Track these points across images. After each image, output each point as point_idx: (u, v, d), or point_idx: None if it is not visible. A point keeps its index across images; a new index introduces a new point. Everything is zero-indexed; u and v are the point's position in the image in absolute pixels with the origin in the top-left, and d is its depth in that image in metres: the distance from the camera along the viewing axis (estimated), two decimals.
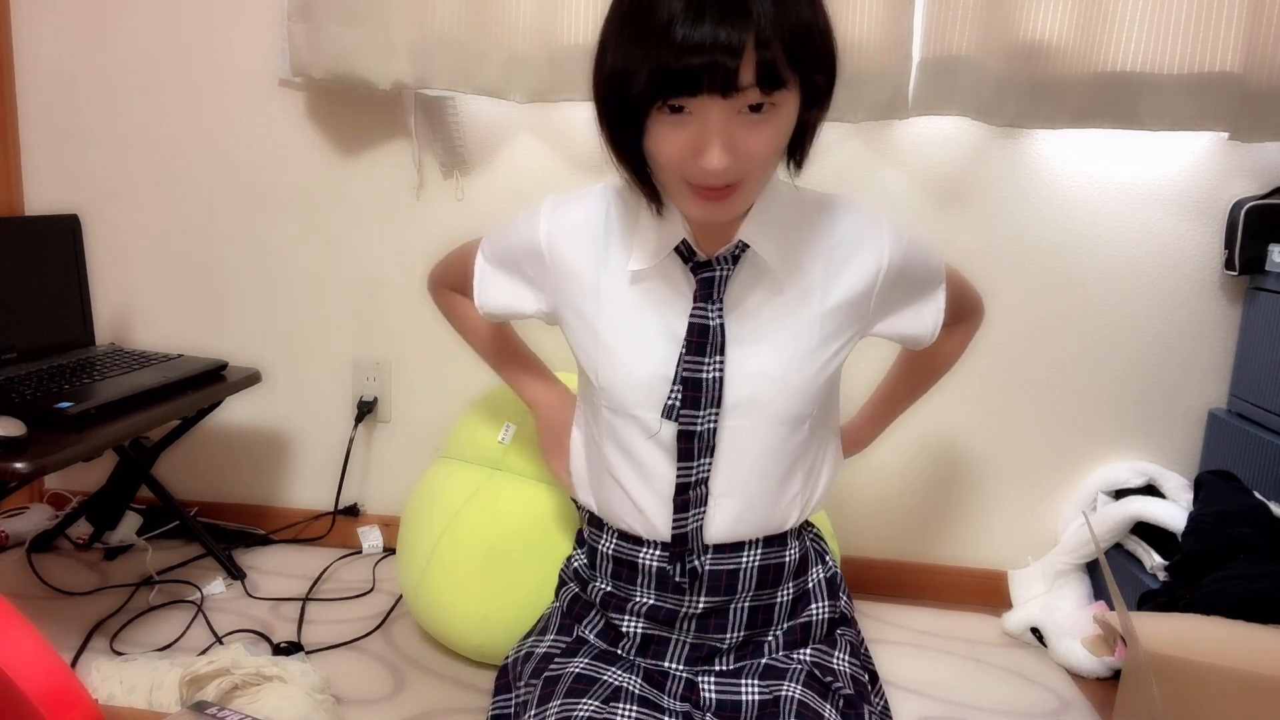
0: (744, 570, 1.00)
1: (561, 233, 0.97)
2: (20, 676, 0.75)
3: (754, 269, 0.94)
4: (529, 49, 1.55)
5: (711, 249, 0.92)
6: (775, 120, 0.80)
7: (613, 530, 1.03)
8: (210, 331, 1.85)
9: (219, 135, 1.77)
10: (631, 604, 1.01)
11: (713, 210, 0.84)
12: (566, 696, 0.91)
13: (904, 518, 1.73)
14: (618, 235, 0.96)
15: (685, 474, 0.95)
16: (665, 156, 0.81)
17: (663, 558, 0.99)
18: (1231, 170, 1.54)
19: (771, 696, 0.94)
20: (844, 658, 1.02)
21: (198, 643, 1.44)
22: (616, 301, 0.95)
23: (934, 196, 1.62)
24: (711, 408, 0.93)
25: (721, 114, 0.77)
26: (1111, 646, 1.39)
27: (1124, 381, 1.64)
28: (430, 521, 1.39)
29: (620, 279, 0.95)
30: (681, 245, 0.92)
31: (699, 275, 0.92)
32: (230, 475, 1.90)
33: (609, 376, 0.96)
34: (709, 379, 0.92)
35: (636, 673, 0.98)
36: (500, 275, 1.05)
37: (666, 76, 0.75)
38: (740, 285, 0.94)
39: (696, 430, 0.93)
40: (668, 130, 0.79)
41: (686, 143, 0.79)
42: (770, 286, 0.94)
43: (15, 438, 1.21)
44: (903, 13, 1.47)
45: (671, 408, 0.93)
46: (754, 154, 0.80)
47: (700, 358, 0.92)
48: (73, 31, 1.77)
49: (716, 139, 0.77)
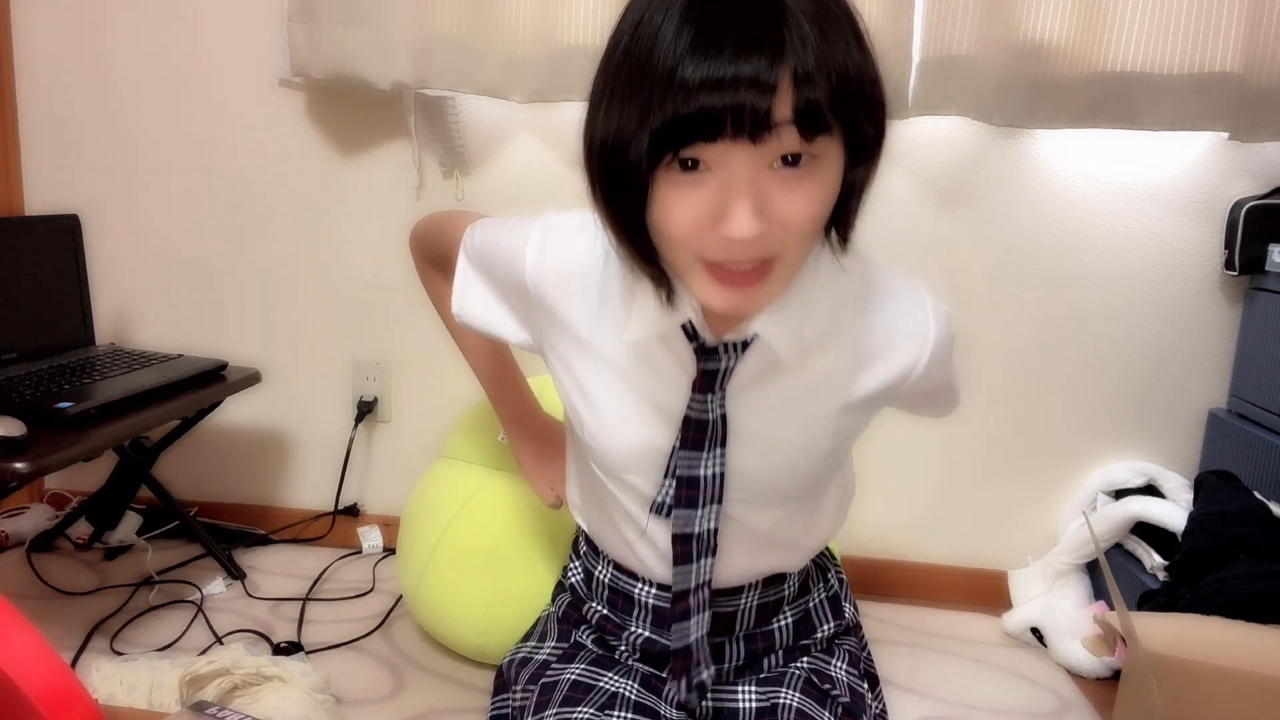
0: (741, 611, 0.97)
1: (551, 278, 0.83)
2: (20, 676, 0.75)
3: (766, 355, 0.80)
4: (529, 49, 1.55)
5: (720, 331, 0.78)
6: (817, 177, 0.64)
7: (609, 559, 0.99)
8: (210, 331, 1.85)
9: (219, 135, 1.77)
10: (627, 633, 0.98)
11: (736, 301, 0.67)
12: (562, 705, 0.90)
13: (904, 518, 1.73)
14: (614, 292, 0.81)
15: (683, 579, 0.84)
16: (676, 228, 0.64)
17: (660, 596, 0.95)
18: (1231, 170, 1.54)
19: (769, 704, 0.93)
20: (842, 666, 1.00)
21: (198, 643, 1.44)
22: (608, 363, 0.83)
23: (934, 196, 1.62)
24: (711, 504, 0.81)
25: (749, 166, 0.62)
26: (1111, 646, 1.39)
27: (1124, 381, 1.64)
28: (430, 521, 1.39)
29: (614, 339, 0.82)
30: (686, 325, 0.78)
31: (702, 364, 0.78)
32: (230, 475, 1.90)
33: (597, 439, 0.85)
34: (709, 475, 0.81)
35: (634, 677, 0.96)
36: (482, 286, 0.92)
37: (677, 124, 0.60)
38: (748, 372, 0.80)
39: (695, 532, 0.82)
40: (679, 194, 0.63)
41: (703, 209, 0.63)
42: (783, 375, 0.81)
43: (15, 438, 1.21)
44: (903, 13, 1.47)
45: (663, 504, 0.82)
46: (791, 221, 0.64)
47: (698, 453, 0.80)
48: (72, 32, 1.77)
49: (744, 199, 0.61)
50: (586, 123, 0.69)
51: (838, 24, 0.63)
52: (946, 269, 1.64)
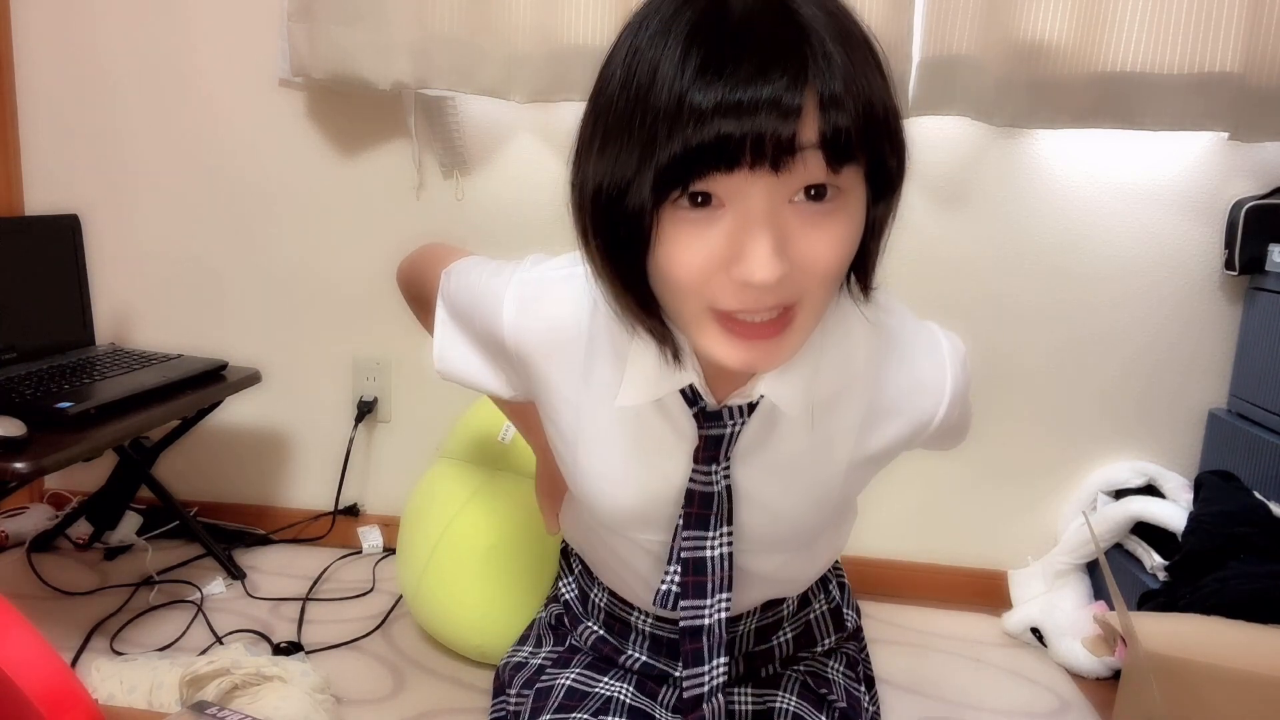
0: (741, 635, 0.96)
1: (531, 340, 0.75)
2: (20, 676, 0.75)
3: (772, 417, 0.73)
4: (529, 48, 1.55)
5: (723, 394, 0.71)
6: (843, 213, 0.57)
7: (603, 587, 0.96)
8: (210, 331, 1.85)
9: (219, 135, 1.77)
10: (625, 656, 0.96)
11: (752, 357, 0.59)
12: (557, 711, 0.89)
13: (904, 518, 1.73)
14: (604, 352, 0.73)
15: (695, 683, 0.76)
16: (684, 273, 0.57)
17: (659, 625, 0.93)
18: (1231, 170, 1.54)
19: (765, 707, 0.92)
20: (840, 669, 1.00)
21: (198, 643, 1.44)
22: (600, 427, 0.75)
23: (934, 196, 1.62)
24: (721, 593, 0.74)
25: (769, 198, 0.54)
26: (1111, 646, 1.39)
27: (1124, 381, 1.64)
28: (430, 521, 1.39)
29: (605, 401, 0.74)
30: (687, 390, 0.71)
31: (705, 429, 0.71)
32: (230, 475, 1.90)
33: (591, 500, 0.79)
34: (715, 557, 0.74)
35: (630, 680, 0.95)
36: (461, 338, 0.84)
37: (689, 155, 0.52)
38: (753, 435, 0.73)
39: (705, 625, 0.74)
40: (688, 233, 0.56)
41: (716, 250, 0.56)
42: (790, 434, 0.74)
43: (15, 438, 1.21)
44: (903, 13, 1.46)
45: (668, 594, 0.76)
46: (814, 263, 0.57)
47: (704, 532, 0.73)
48: (73, 32, 1.77)
49: (764, 235, 0.54)
50: (575, 168, 0.61)
51: (860, 47, 0.57)
52: (946, 269, 1.64)
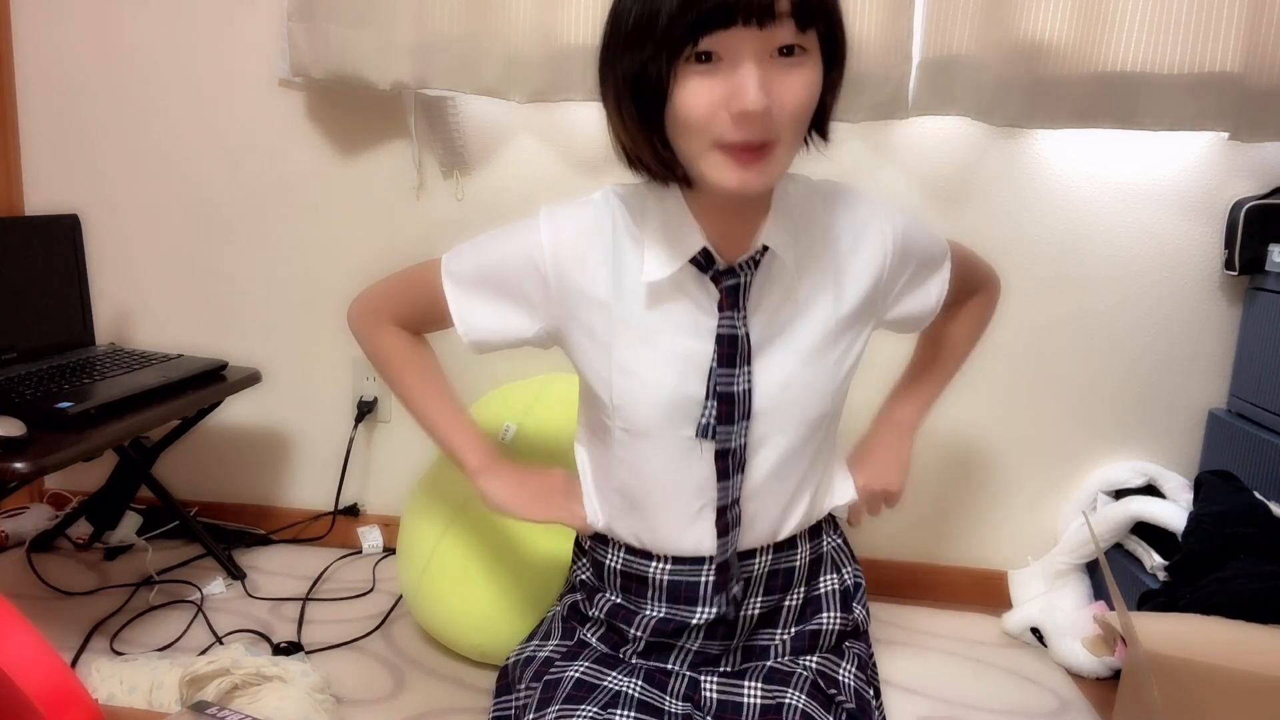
0: (753, 578, 0.99)
1: (566, 247, 0.91)
2: (20, 676, 0.75)
3: (769, 274, 0.91)
4: (529, 49, 1.55)
5: (732, 256, 0.89)
6: (807, 66, 0.78)
7: (619, 545, 1.01)
8: (210, 331, 1.85)
9: (219, 135, 1.77)
10: (640, 617, 0.99)
11: (747, 177, 0.79)
12: (565, 702, 0.90)
13: (904, 518, 1.73)
14: (628, 245, 0.91)
15: (723, 495, 0.92)
16: (696, 111, 0.77)
17: (674, 571, 0.98)
18: (1231, 170, 1.54)
19: (774, 703, 0.94)
20: (850, 670, 1.01)
21: (198, 643, 1.44)
22: (632, 318, 0.91)
23: (934, 197, 1.62)
24: (743, 421, 0.90)
25: (756, 50, 0.75)
26: (1111, 646, 1.39)
27: (1124, 381, 1.64)
28: (430, 521, 1.39)
29: (634, 293, 0.90)
30: (700, 255, 0.88)
31: (723, 283, 0.89)
32: (230, 475, 1.90)
33: (626, 397, 0.91)
34: (740, 391, 0.89)
35: (637, 675, 0.97)
36: (482, 299, 0.96)
37: (699, 15, 0.73)
38: (758, 291, 0.91)
39: (730, 448, 0.90)
40: (697, 83, 0.76)
41: (719, 92, 0.76)
42: (785, 290, 0.92)
43: (15, 438, 1.21)
44: (903, 13, 1.46)
45: (707, 426, 0.89)
46: (789, 102, 0.77)
47: (731, 369, 0.89)
48: (73, 32, 1.77)
49: (753, 74, 0.74)
50: (604, 59, 0.81)
51: None
52: None
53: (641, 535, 0.98)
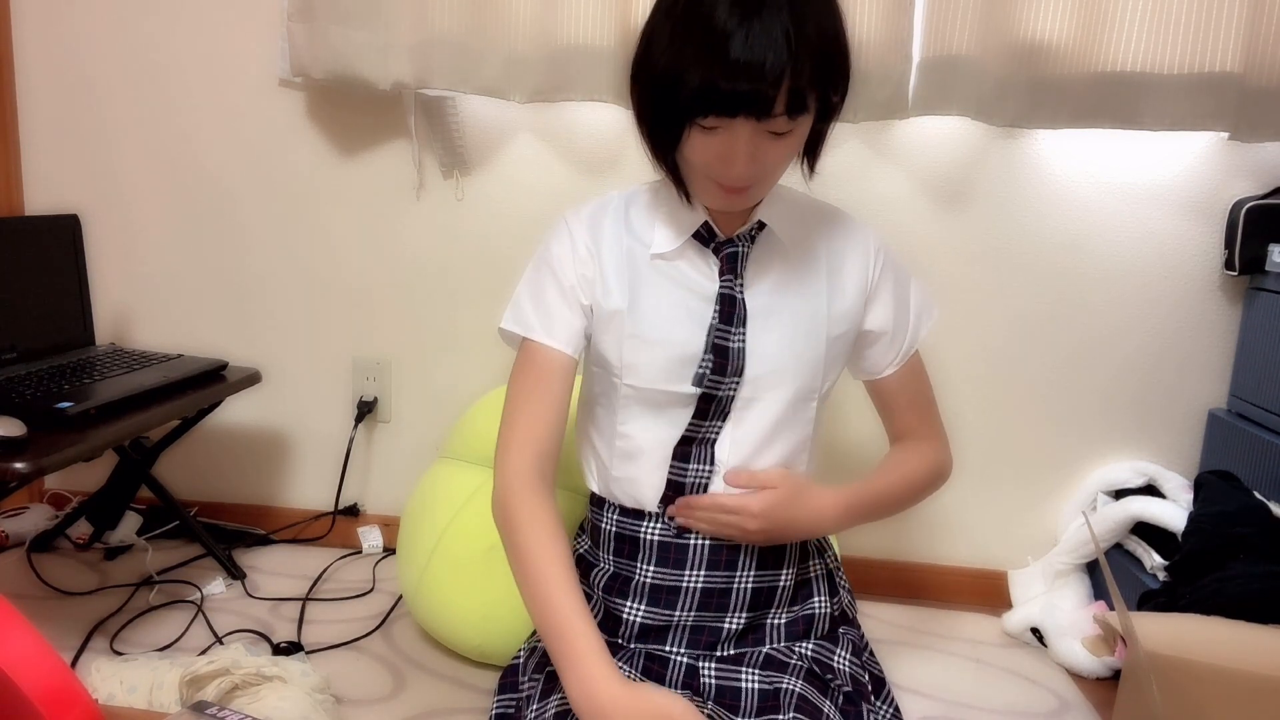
0: (745, 547, 1.02)
1: (586, 224, 1.04)
2: (20, 676, 0.76)
3: (768, 249, 1.02)
4: (529, 49, 1.55)
5: (730, 230, 1.01)
6: (795, 135, 0.90)
7: (614, 507, 1.06)
8: (210, 331, 1.85)
9: (219, 135, 1.77)
10: (634, 583, 1.02)
11: (732, 199, 0.94)
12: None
13: (904, 517, 1.73)
14: (640, 227, 1.04)
15: (695, 429, 1.01)
16: (695, 158, 0.91)
17: (665, 532, 1.02)
18: (1231, 170, 1.54)
19: (772, 688, 0.95)
20: (845, 655, 1.04)
21: (198, 643, 1.44)
22: (644, 285, 1.01)
23: (934, 196, 1.62)
24: (735, 376, 0.99)
25: (750, 133, 0.86)
26: (1111, 646, 1.39)
27: (1124, 381, 1.64)
28: (430, 521, 1.39)
29: (646, 265, 1.02)
30: (702, 229, 1.00)
31: (722, 252, 1.00)
32: (230, 475, 1.90)
33: (637, 354, 1.00)
34: (734, 348, 0.99)
35: (636, 664, 0.99)
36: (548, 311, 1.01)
37: (712, 95, 0.83)
38: (756, 264, 1.02)
39: (718, 395, 0.99)
40: (702, 139, 0.88)
41: (717, 152, 0.89)
42: (783, 267, 1.03)
43: (15, 438, 1.21)
44: (903, 13, 1.47)
45: (701, 375, 0.98)
46: (771, 165, 0.91)
47: (728, 327, 0.99)
48: (73, 31, 1.77)
49: (744, 154, 0.87)
50: (640, 50, 0.91)
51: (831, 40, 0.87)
52: (947, 269, 1.64)
53: (634, 493, 1.04)
